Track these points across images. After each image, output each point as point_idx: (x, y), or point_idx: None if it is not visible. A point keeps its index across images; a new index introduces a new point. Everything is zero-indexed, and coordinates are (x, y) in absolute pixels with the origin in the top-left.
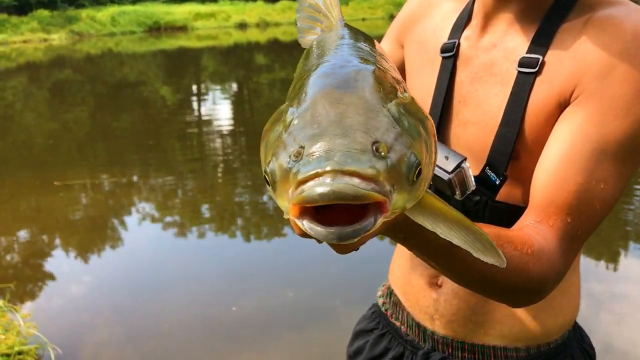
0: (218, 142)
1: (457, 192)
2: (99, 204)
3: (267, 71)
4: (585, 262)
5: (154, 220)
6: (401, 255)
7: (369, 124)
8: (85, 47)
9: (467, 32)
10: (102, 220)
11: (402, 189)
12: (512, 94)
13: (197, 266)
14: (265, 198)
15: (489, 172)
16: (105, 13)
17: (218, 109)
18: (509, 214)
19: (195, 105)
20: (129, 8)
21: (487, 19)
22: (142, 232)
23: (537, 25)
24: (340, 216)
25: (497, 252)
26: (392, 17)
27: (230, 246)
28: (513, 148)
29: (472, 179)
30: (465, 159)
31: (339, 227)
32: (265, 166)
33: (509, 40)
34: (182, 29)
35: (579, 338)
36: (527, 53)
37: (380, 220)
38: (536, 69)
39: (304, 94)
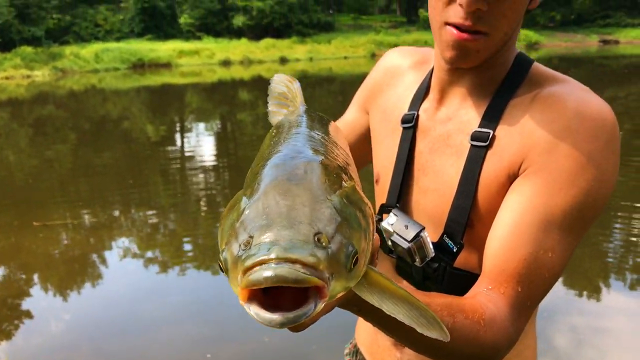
0: (201, 178)
1: (417, 259)
2: (79, 242)
3: (250, 107)
4: (568, 297)
5: (135, 257)
6: None
7: (313, 216)
8: (68, 84)
9: (425, 105)
10: (83, 258)
11: (341, 276)
12: (465, 165)
13: (177, 307)
14: None
15: (447, 240)
16: (89, 50)
17: (201, 145)
18: (467, 280)
19: (178, 141)
20: (113, 45)
21: (443, 93)
22: (122, 270)
23: (489, 100)
24: (286, 302)
25: (441, 327)
26: (373, 55)
27: (210, 286)
28: (468, 217)
29: (431, 246)
30: (424, 228)
31: (282, 314)
32: (220, 254)
33: (462, 114)
34: (166, 65)
35: None
36: (479, 127)
37: (320, 305)
38: (487, 143)
39: (257, 184)
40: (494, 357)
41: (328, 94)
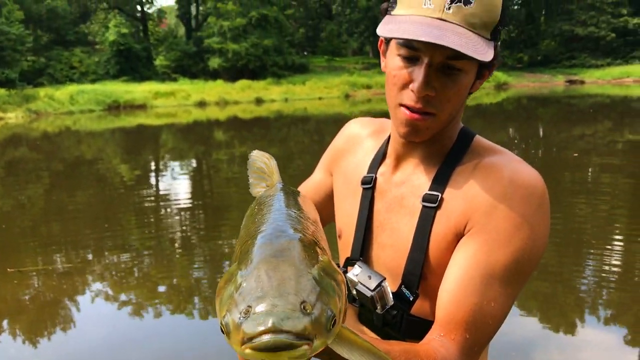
0: (176, 219)
1: (379, 307)
2: (52, 287)
3: (226, 147)
4: (545, 333)
5: (108, 301)
6: None
7: (298, 288)
8: (42, 126)
9: (382, 169)
10: (55, 304)
11: (322, 335)
12: (418, 224)
13: (153, 351)
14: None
15: (404, 290)
16: (63, 92)
17: (176, 185)
18: (422, 326)
19: (153, 181)
20: (88, 87)
21: (398, 160)
22: (96, 314)
23: (438, 167)
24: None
25: None
26: (347, 96)
27: (187, 329)
28: (422, 270)
29: (391, 295)
30: (385, 279)
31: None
32: (221, 319)
33: (415, 179)
34: (142, 107)
35: None
36: (429, 190)
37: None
38: (436, 204)
39: (250, 261)
40: None
41: (304, 133)
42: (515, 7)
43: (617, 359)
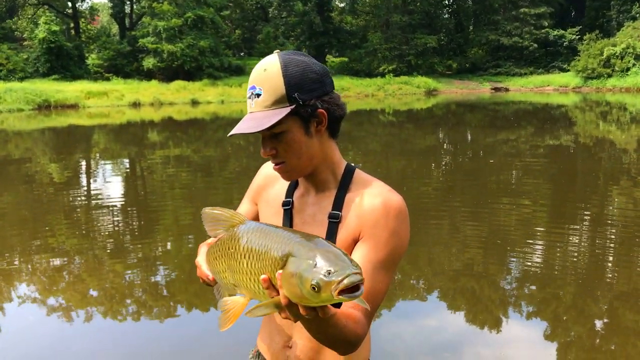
0: (108, 220)
1: None
2: None
3: (160, 148)
4: (472, 329)
5: (36, 304)
6: (266, 327)
7: (348, 258)
8: None
9: (296, 194)
10: None
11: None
12: (327, 234)
13: (81, 356)
14: (157, 278)
15: None
16: None
17: (109, 186)
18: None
19: (84, 182)
20: (16, 85)
21: (306, 188)
22: (22, 320)
23: (334, 193)
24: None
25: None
26: None
27: (118, 332)
28: None
29: None
30: None
31: (354, 294)
32: (309, 285)
33: (321, 202)
34: (74, 107)
35: None
36: (332, 210)
37: (362, 289)
38: (338, 220)
39: (307, 252)
40: (359, 342)
41: (239, 135)
42: (446, 15)
43: (539, 353)
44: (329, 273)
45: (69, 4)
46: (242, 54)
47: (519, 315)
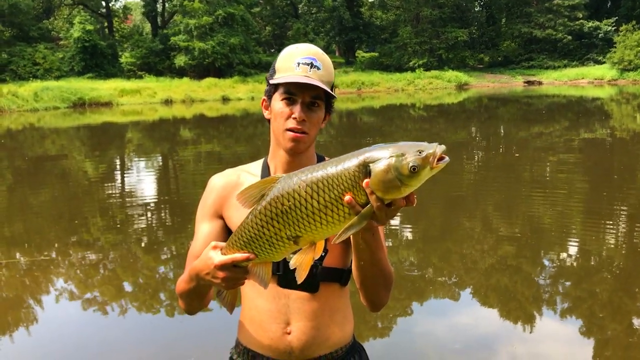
0: (141, 216)
1: None
2: (14, 284)
3: (192, 144)
4: (506, 326)
5: (73, 299)
6: (252, 322)
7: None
8: (5, 123)
9: None
10: (17, 300)
11: None
12: None
13: (116, 348)
14: None
15: None
16: (27, 88)
17: (142, 182)
18: (331, 273)
19: (118, 178)
20: (52, 84)
21: (286, 171)
22: (60, 312)
23: None
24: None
25: None
26: None
27: (151, 326)
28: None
29: None
30: None
31: (446, 159)
32: (408, 168)
33: None
34: (107, 104)
35: (355, 338)
36: None
37: (448, 158)
38: None
39: (391, 149)
40: (392, 280)
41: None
42: (477, 8)
43: (575, 351)
44: (420, 152)
45: (103, 3)
46: (272, 50)
47: (554, 312)
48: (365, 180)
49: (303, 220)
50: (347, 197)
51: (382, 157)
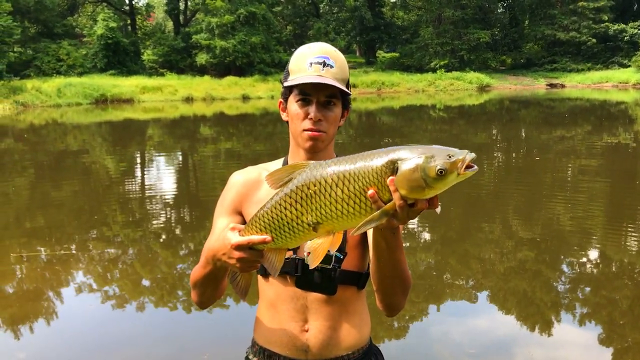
0: (161, 212)
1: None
2: (35, 277)
3: (212, 142)
4: (524, 331)
5: (92, 293)
6: (270, 320)
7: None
8: (29, 118)
9: None
10: (38, 294)
11: None
12: None
13: (133, 343)
14: None
15: (337, 253)
16: (51, 84)
17: (161, 179)
18: (349, 276)
19: (138, 174)
20: (75, 80)
21: None
22: (79, 306)
23: None
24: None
25: None
26: None
27: (168, 322)
28: (345, 241)
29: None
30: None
31: (474, 168)
32: (435, 172)
33: None
34: (129, 101)
35: (372, 342)
36: None
37: (476, 167)
38: None
39: (421, 151)
40: (410, 282)
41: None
42: (500, 10)
43: (593, 357)
44: (450, 157)
45: (126, 1)
46: (292, 49)
47: (572, 318)
48: (391, 178)
49: (325, 207)
50: (370, 191)
51: (411, 156)
